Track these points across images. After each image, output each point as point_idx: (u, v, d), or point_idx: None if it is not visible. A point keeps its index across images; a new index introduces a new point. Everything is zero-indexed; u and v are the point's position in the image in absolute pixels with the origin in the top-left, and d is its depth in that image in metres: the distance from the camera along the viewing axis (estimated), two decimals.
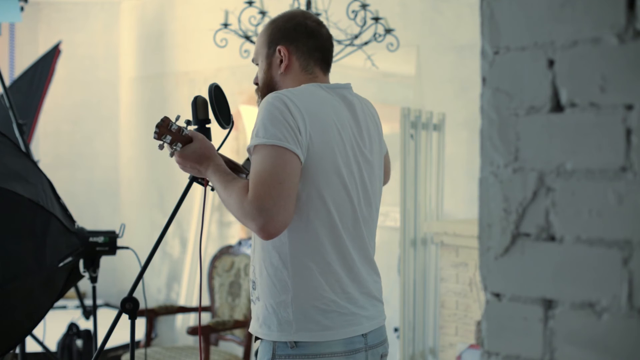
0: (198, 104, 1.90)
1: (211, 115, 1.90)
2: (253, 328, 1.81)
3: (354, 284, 1.78)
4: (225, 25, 3.75)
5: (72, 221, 2.65)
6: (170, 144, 1.80)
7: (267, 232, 1.62)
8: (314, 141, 1.69)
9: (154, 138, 1.80)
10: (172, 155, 1.84)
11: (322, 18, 3.39)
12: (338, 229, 1.75)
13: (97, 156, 6.80)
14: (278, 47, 1.85)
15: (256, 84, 1.93)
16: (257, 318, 1.79)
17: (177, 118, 1.84)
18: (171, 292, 6.14)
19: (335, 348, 1.72)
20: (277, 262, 1.74)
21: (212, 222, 5.82)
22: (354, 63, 3.97)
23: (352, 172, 1.78)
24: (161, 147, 1.82)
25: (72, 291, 5.33)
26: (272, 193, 1.60)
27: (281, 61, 1.85)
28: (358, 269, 1.79)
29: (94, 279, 2.72)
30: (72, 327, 4.26)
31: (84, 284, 5.42)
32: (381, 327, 1.85)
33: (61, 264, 2.51)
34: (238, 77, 5.53)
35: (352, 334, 1.75)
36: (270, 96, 1.71)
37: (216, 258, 4.41)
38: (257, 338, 1.81)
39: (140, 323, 5.22)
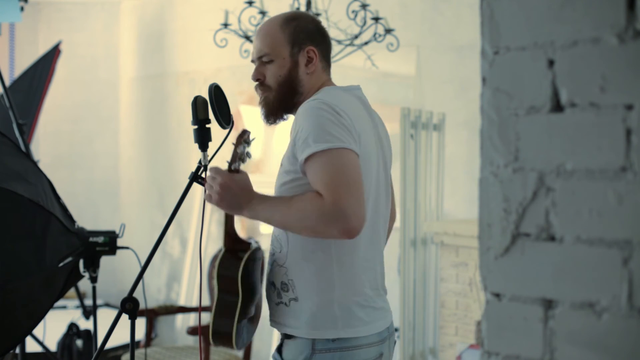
0: (198, 104, 1.89)
1: (211, 115, 1.90)
2: (290, 328, 1.80)
3: (381, 279, 1.88)
4: (225, 25, 3.75)
5: (72, 221, 2.65)
6: (237, 158, 1.81)
7: (354, 230, 1.64)
8: (362, 142, 1.75)
9: (232, 143, 1.82)
10: (230, 168, 1.81)
11: (322, 18, 3.39)
12: (376, 226, 1.83)
13: (97, 156, 6.80)
14: (308, 48, 1.86)
15: (257, 80, 1.90)
16: (297, 318, 1.79)
17: (251, 140, 1.86)
18: (171, 292, 6.13)
19: (372, 339, 1.80)
20: (323, 260, 1.77)
21: (212, 222, 5.82)
22: (354, 63, 3.97)
23: (379, 177, 1.84)
24: (235, 157, 1.82)
25: (72, 291, 5.31)
26: (351, 192, 1.64)
27: (308, 61, 1.87)
28: (382, 265, 1.90)
29: (94, 279, 2.71)
30: (72, 327, 4.26)
31: (84, 284, 5.40)
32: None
33: (61, 264, 2.51)
34: (238, 77, 5.53)
35: (383, 326, 1.84)
36: (314, 104, 1.72)
37: (216, 258, 4.40)
38: (287, 336, 1.81)
39: (140, 323, 5.21)
